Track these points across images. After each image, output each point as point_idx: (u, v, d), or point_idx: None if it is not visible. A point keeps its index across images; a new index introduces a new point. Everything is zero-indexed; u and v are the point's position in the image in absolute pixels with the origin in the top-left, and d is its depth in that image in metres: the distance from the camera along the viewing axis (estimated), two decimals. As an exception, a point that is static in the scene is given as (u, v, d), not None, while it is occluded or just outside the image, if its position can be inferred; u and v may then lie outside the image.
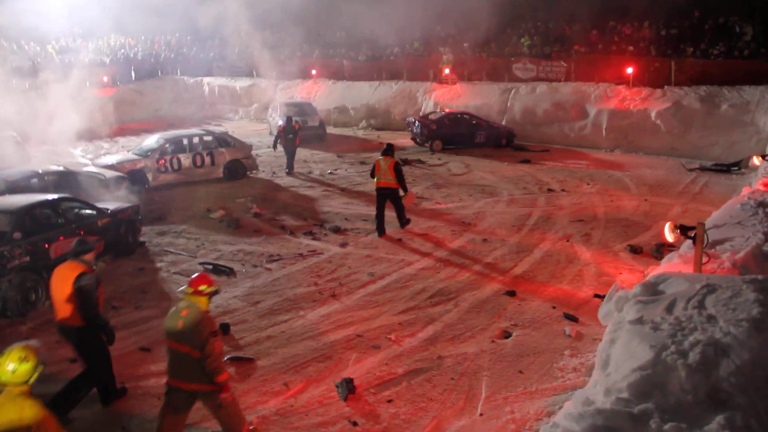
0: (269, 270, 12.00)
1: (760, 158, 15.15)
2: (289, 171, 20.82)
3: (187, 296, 6.28)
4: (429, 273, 11.79)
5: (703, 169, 20.12)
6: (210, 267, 12.00)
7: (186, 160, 19.05)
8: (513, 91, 27.55)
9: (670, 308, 5.65)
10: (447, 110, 26.40)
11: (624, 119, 24.00)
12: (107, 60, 36.06)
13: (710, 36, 24.76)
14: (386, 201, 14.05)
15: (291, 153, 21.10)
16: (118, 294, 10.92)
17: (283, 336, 9.32)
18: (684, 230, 7.72)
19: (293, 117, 22.97)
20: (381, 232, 14.03)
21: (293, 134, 21.11)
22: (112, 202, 13.36)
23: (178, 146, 19.22)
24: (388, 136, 27.65)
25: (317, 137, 26.59)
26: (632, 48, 25.86)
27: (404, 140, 25.89)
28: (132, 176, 17.03)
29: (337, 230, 14.38)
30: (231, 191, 18.40)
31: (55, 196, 11.78)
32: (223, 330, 9.38)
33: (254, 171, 20.48)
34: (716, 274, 7.01)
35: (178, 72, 40.07)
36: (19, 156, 17.50)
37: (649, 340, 4.89)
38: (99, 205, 12.48)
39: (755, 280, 6.06)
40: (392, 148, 14.43)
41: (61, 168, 15.10)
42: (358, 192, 18.12)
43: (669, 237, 7.97)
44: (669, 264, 8.86)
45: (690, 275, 6.76)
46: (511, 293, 10.79)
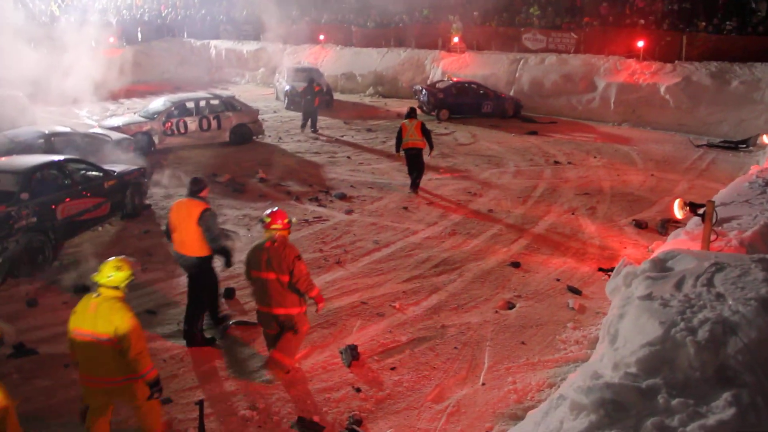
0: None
1: (770, 136, 15.07)
2: (311, 129, 21.76)
3: (269, 230, 7.28)
4: (434, 242, 11.81)
5: (711, 146, 19.99)
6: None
7: (192, 124, 18.98)
8: (522, 62, 27.32)
9: (679, 285, 5.66)
10: (455, 79, 26.22)
11: (633, 93, 23.81)
12: (113, 20, 35.77)
13: (723, 11, 24.45)
14: (412, 161, 14.79)
15: (309, 113, 21.93)
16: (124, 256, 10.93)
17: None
18: (693, 207, 7.70)
19: (313, 79, 23.22)
20: (414, 188, 14.89)
21: (312, 95, 21.78)
22: (119, 165, 13.35)
23: (185, 109, 19.15)
24: (396, 104, 27.57)
25: (324, 103, 26.45)
26: (643, 21, 25.56)
27: (411, 109, 25.70)
28: (138, 138, 17.00)
29: (343, 197, 14.38)
30: (237, 155, 18.38)
31: (62, 158, 11.79)
32: (228, 294, 9.44)
33: (260, 136, 20.43)
34: (724, 253, 7.01)
35: (185, 34, 39.78)
36: (26, 116, 17.45)
37: (659, 317, 4.90)
38: (105, 167, 12.47)
39: (763, 259, 6.06)
40: (415, 111, 15.29)
41: (68, 129, 15.09)
42: (364, 159, 18.08)
43: (678, 214, 7.95)
44: (676, 240, 8.86)
45: (699, 253, 6.76)
46: (516, 264, 10.82)
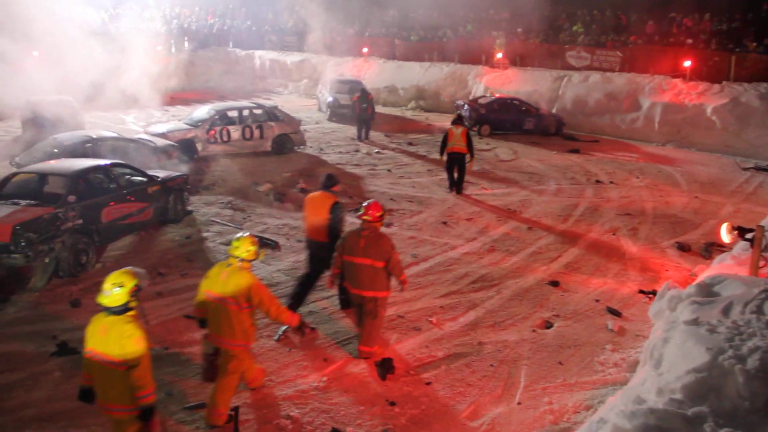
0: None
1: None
2: (364, 137, 22.70)
3: (366, 222, 7.98)
4: (472, 258, 11.75)
5: (759, 169, 19.57)
6: (255, 239, 12.08)
7: (235, 132, 19.20)
8: (565, 79, 27.16)
9: (727, 311, 5.52)
10: (497, 95, 26.17)
11: (678, 113, 23.49)
12: (162, 29, 36.42)
13: (775, 31, 24.05)
14: (455, 165, 15.88)
15: (364, 120, 22.77)
16: (165, 261, 11.10)
17: (325, 312, 9.39)
18: (742, 232, 7.53)
19: (365, 89, 24.39)
20: (452, 187, 16.09)
21: (367, 104, 22.68)
22: (162, 170, 13.56)
23: (229, 118, 19.39)
24: (437, 118, 27.57)
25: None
26: (691, 40, 25.23)
27: (452, 123, 25.70)
28: (182, 145, 17.26)
29: (382, 210, 14.41)
30: (278, 165, 18.53)
31: (108, 162, 12.02)
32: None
33: (302, 146, 20.58)
34: (774, 279, 6.85)
35: (230, 44, 40.37)
36: (75, 121, 17.84)
37: (705, 343, 4.78)
38: (149, 173, 12.67)
39: (815, 288, 5.92)
40: (462, 118, 16.60)
41: (114, 134, 15.38)
42: (405, 172, 18.09)
43: (725, 238, 7.77)
44: (721, 265, 8.69)
45: (747, 278, 6.59)
46: (555, 283, 10.70)
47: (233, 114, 19.57)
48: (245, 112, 19.75)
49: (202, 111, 19.87)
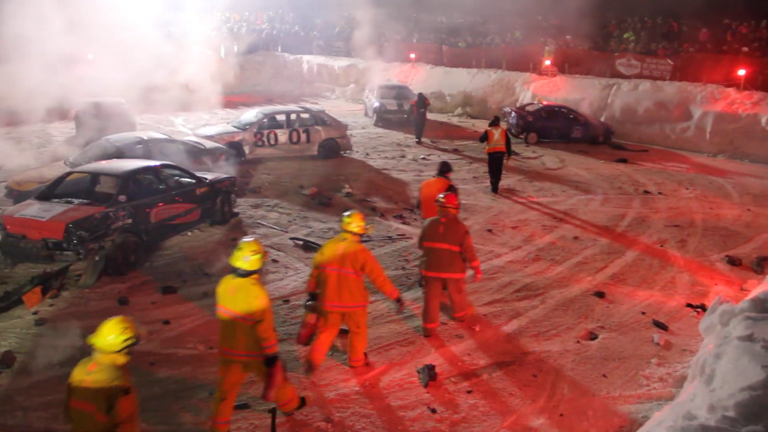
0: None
1: None
2: (419, 141, 23.53)
3: (442, 208, 8.81)
4: (517, 266, 11.66)
5: (815, 182, 19.04)
6: (300, 243, 12.20)
7: (282, 136, 19.40)
8: (614, 87, 26.78)
9: (782, 328, 5.39)
10: (544, 102, 25.93)
11: (731, 123, 22.95)
12: (213, 34, 36.95)
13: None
14: (495, 164, 16.54)
15: (421, 124, 23.69)
16: (211, 262, 11.25)
17: (368, 317, 9.35)
18: (796, 246, 7.33)
19: (423, 93, 25.08)
20: (495, 189, 16.69)
21: (424, 108, 23.68)
22: (210, 172, 13.75)
23: (276, 122, 19.62)
24: (483, 126, 27.32)
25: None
26: (746, 48, 24.62)
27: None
28: (230, 148, 17.48)
29: (427, 216, 14.43)
30: (324, 169, 18.65)
31: (158, 163, 12.25)
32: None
33: (348, 151, 20.68)
34: (829, 296, 6.64)
35: (279, 48, 40.80)
36: (127, 123, 18.23)
37: (761, 360, 4.65)
38: (198, 174, 12.87)
39: None
40: (499, 119, 17.24)
41: (164, 136, 15.67)
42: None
43: (778, 251, 7.58)
44: (774, 280, 8.47)
45: (802, 294, 6.43)
46: (600, 294, 10.54)
47: (281, 118, 19.78)
48: (292, 116, 19.93)
49: (250, 114, 20.12)
